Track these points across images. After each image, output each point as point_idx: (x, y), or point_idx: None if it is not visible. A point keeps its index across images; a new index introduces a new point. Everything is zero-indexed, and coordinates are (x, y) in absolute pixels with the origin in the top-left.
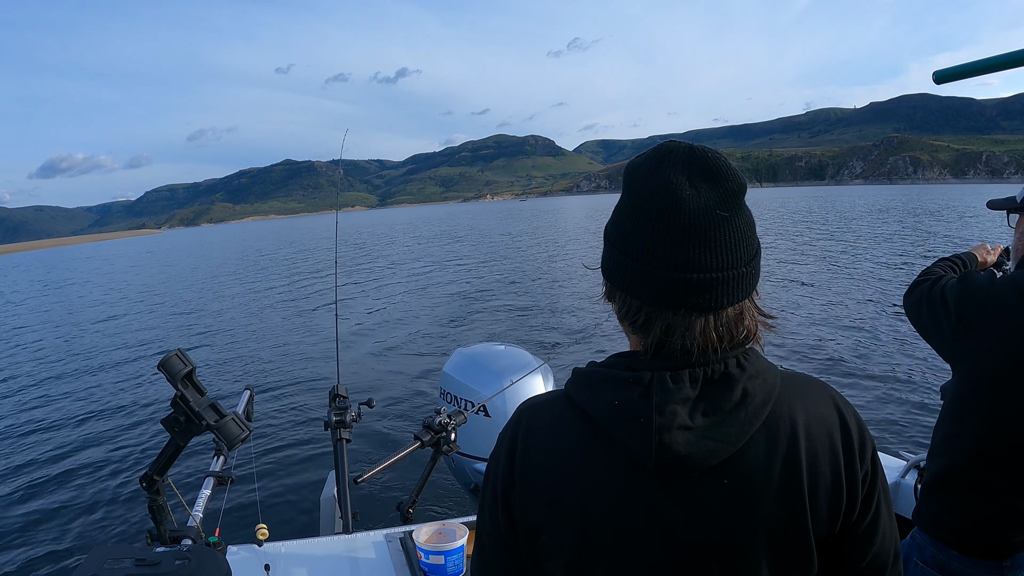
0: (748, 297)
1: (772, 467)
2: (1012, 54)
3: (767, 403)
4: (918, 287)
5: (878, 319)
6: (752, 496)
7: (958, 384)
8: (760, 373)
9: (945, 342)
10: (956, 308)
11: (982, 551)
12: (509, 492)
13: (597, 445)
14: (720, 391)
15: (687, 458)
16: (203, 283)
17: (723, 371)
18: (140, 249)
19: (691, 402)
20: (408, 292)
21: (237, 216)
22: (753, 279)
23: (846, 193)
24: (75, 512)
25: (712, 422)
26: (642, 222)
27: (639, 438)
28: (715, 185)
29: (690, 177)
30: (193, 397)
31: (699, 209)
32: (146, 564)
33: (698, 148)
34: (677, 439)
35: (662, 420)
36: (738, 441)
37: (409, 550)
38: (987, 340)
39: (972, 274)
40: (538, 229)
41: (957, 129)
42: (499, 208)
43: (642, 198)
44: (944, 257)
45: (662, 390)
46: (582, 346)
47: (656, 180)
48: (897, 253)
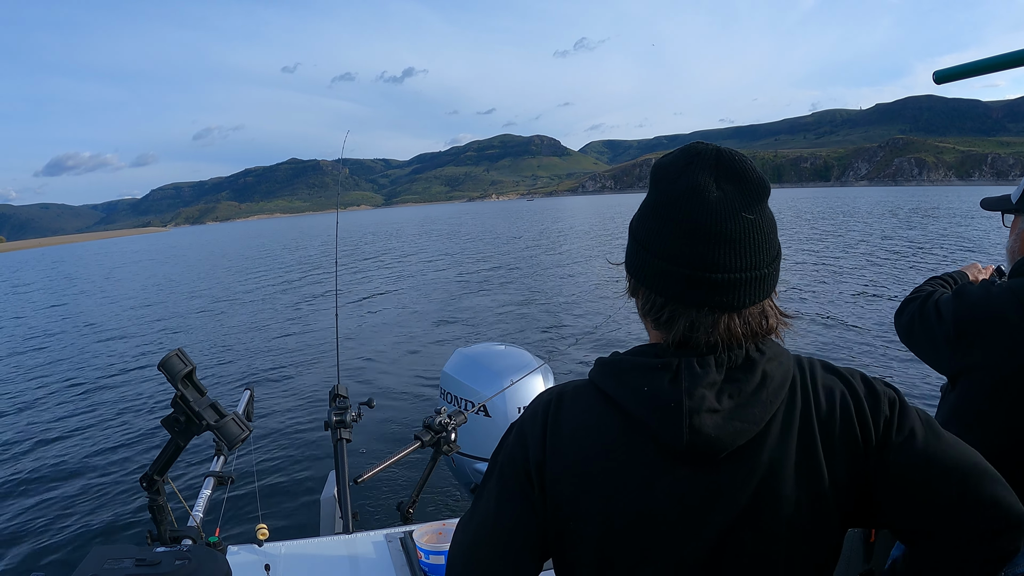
0: (768, 297)
1: (790, 444)
2: (1012, 54)
3: (784, 383)
4: (909, 305)
5: (878, 319)
6: (775, 474)
7: (958, 395)
8: (776, 356)
9: (941, 356)
10: (954, 320)
11: None
12: (543, 470)
13: (624, 431)
14: (743, 375)
15: (716, 440)
16: (204, 282)
17: (745, 356)
18: (145, 247)
19: (718, 385)
20: (409, 292)
21: (243, 215)
22: (774, 280)
23: (850, 195)
24: (75, 512)
25: (737, 404)
26: (668, 221)
27: (669, 422)
28: (741, 188)
29: (717, 179)
30: (193, 397)
31: (725, 211)
32: (146, 564)
33: (725, 151)
34: (706, 421)
35: (691, 403)
36: (761, 421)
37: (409, 550)
38: (987, 349)
39: (967, 286)
40: (544, 229)
41: (963, 131)
42: (505, 208)
43: (669, 197)
44: (934, 276)
45: (690, 375)
46: (583, 346)
47: (684, 181)
48: (899, 253)
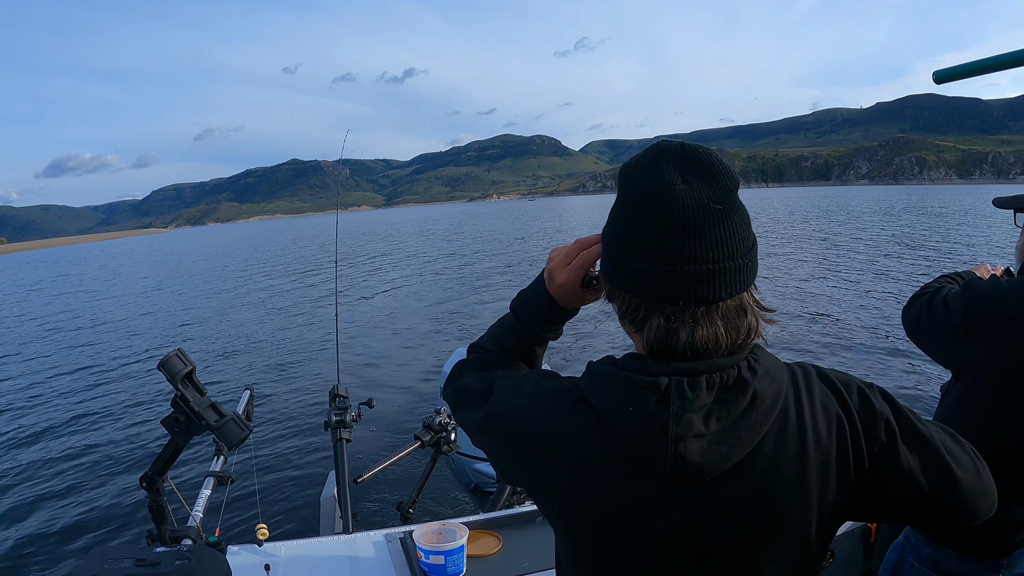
0: (747, 290)
1: (782, 466)
2: (1012, 54)
3: (776, 402)
4: (917, 300)
5: (878, 318)
6: (763, 496)
7: (962, 389)
8: (769, 372)
9: (949, 350)
10: (962, 313)
11: (979, 550)
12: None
13: (606, 443)
14: (733, 395)
15: (700, 465)
16: (204, 283)
17: (737, 375)
18: (146, 248)
19: (706, 408)
20: (409, 292)
21: (243, 215)
22: (751, 272)
23: (851, 194)
24: (75, 512)
25: (724, 426)
26: (638, 219)
27: (654, 445)
28: (708, 180)
29: (683, 173)
30: (193, 397)
31: (693, 203)
32: (146, 564)
33: (689, 145)
34: (691, 447)
35: (678, 429)
36: (749, 444)
37: (409, 550)
38: (995, 342)
39: (976, 280)
40: (545, 228)
41: (963, 129)
42: (506, 208)
43: (636, 196)
44: (944, 274)
45: (680, 397)
46: (582, 345)
47: (649, 178)
48: (899, 252)
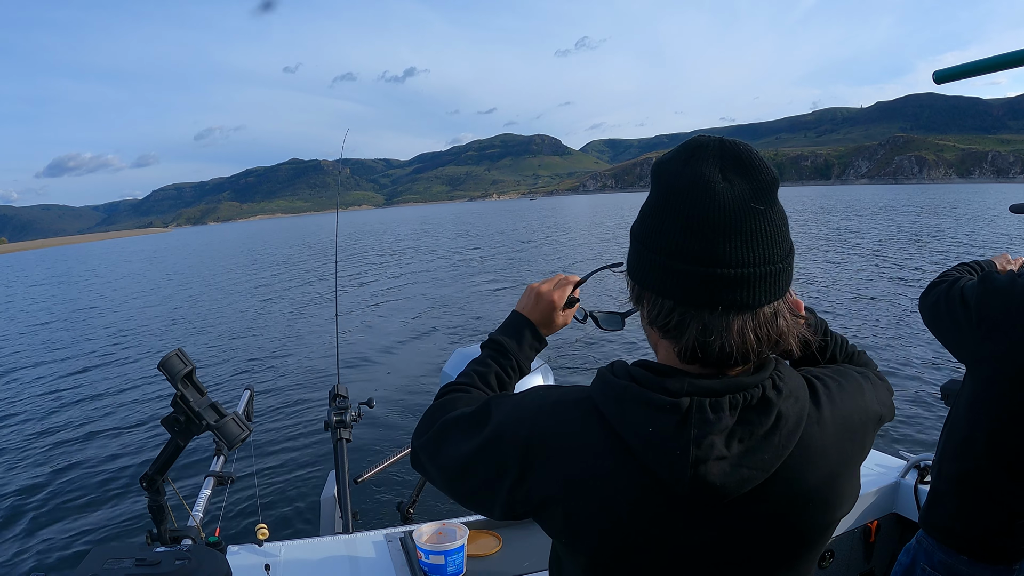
0: (783, 297)
1: (805, 487)
2: (1013, 54)
3: (800, 423)
4: (935, 288)
5: (877, 318)
6: (784, 517)
7: (976, 386)
8: (793, 392)
9: (964, 343)
10: (977, 307)
11: (992, 555)
12: (530, 466)
13: (621, 460)
14: (757, 416)
15: (721, 487)
16: (204, 283)
17: (761, 395)
18: (146, 248)
19: (728, 429)
20: (409, 292)
21: (244, 215)
22: (788, 277)
23: (851, 193)
24: (75, 512)
25: (746, 448)
26: (673, 217)
27: (673, 468)
28: (749, 178)
29: (723, 170)
30: (193, 397)
31: (733, 202)
32: (146, 564)
33: (729, 141)
34: (712, 470)
35: (699, 453)
36: (771, 467)
37: (409, 550)
38: (1009, 339)
39: (993, 274)
40: (546, 227)
41: (963, 128)
42: (507, 207)
43: (673, 193)
44: (963, 262)
45: (701, 420)
46: (583, 345)
47: (687, 174)
48: (897, 253)
